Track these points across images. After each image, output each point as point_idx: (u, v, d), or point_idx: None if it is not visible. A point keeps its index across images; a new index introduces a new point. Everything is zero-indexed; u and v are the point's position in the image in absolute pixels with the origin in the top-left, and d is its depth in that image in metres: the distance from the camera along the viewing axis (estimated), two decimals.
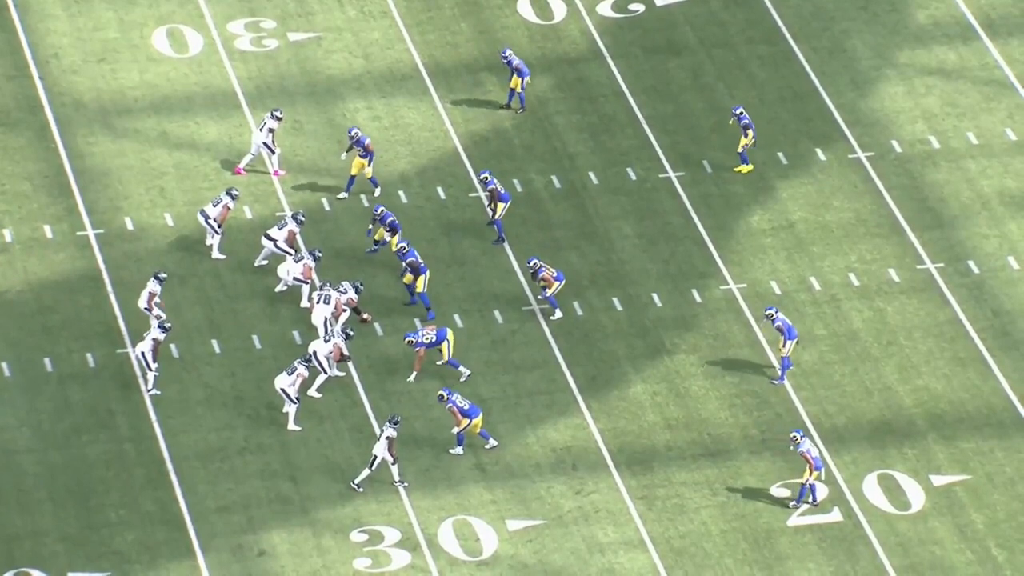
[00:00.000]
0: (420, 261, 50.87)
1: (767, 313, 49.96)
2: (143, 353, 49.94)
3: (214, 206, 53.00)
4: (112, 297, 52.22)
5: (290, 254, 51.82)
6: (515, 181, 55.09)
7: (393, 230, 52.23)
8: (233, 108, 56.55)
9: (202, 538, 47.31)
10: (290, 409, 49.60)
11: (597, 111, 56.81)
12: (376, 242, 52.66)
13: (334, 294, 51.59)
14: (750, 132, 53.42)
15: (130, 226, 53.79)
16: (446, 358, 50.08)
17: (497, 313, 52.09)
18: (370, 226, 52.54)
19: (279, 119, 54.26)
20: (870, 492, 48.41)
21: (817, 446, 48.70)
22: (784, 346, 49.64)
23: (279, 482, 48.38)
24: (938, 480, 48.66)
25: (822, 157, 55.69)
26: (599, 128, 56.32)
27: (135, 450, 48.90)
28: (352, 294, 51.89)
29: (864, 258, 53.35)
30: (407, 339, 49.86)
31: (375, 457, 47.52)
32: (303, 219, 52.54)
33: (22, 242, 53.15)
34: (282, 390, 49.59)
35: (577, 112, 56.82)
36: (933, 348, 51.51)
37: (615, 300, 52.26)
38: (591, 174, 55.16)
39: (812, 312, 52.22)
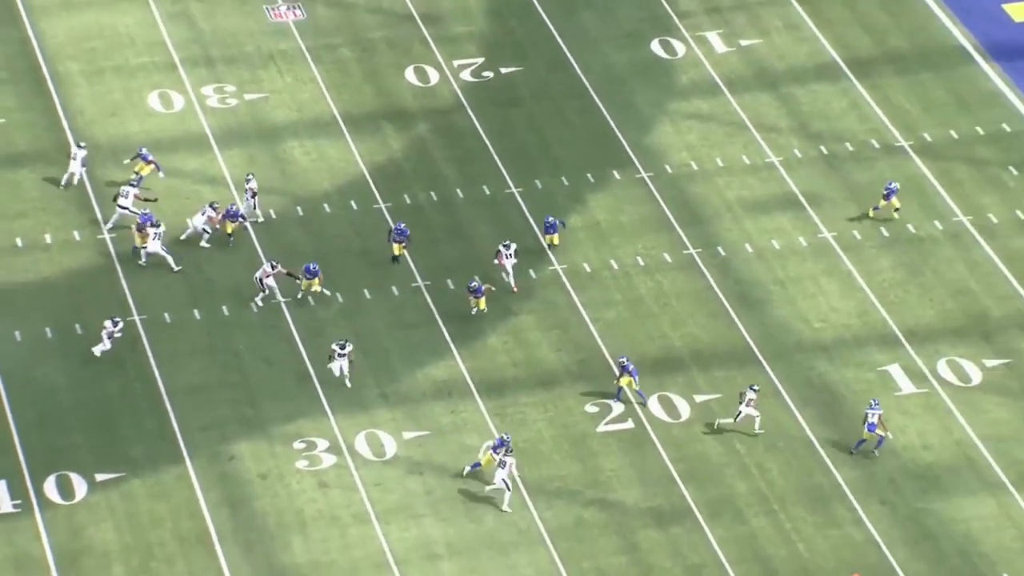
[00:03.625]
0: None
1: (620, 360, 48.49)
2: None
3: (201, 215, 52.18)
4: (123, 282, 51.63)
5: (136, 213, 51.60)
6: (405, 196, 54.41)
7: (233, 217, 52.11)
8: (206, 148, 55.81)
9: (189, 448, 47.25)
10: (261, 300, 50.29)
11: (462, 146, 56.38)
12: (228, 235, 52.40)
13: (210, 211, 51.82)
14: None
15: (134, 231, 52.40)
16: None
17: (394, 288, 51.75)
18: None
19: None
20: (653, 407, 48.35)
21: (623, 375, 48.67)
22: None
23: (242, 408, 48.29)
24: (700, 398, 48.88)
25: (617, 177, 55.33)
26: (463, 158, 56.01)
27: (141, 388, 48.76)
28: (211, 212, 51.67)
29: (647, 246, 53.19)
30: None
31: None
32: (216, 206, 52.22)
33: (58, 243, 52.69)
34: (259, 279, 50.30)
35: (448, 147, 56.33)
36: (694, 307, 51.43)
37: (476, 278, 51.31)
38: (458, 190, 54.94)
39: (612, 284, 52.00)
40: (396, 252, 52.07)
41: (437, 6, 61.26)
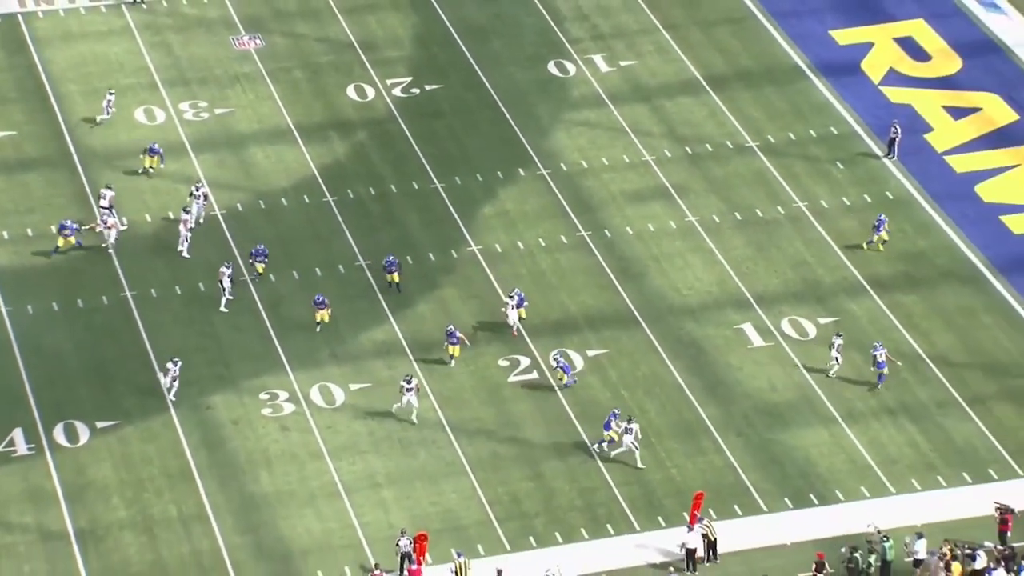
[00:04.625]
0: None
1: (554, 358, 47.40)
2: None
3: (185, 212, 51.30)
4: (116, 262, 51.03)
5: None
6: (348, 191, 53.74)
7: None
8: (183, 153, 55.08)
9: (173, 400, 46.81)
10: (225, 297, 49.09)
11: (394, 150, 55.71)
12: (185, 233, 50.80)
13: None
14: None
15: (124, 223, 52.29)
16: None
17: (340, 267, 51.31)
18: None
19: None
20: (554, 361, 47.45)
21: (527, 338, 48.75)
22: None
23: (217, 367, 47.96)
24: (592, 353, 48.45)
25: (522, 174, 54.95)
26: (396, 160, 55.40)
27: (134, 352, 48.25)
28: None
29: (548, 230, 52.94)
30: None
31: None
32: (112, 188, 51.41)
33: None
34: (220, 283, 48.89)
35: (383, 151, 55.73)
36: (587, 280, 51.21)
37: (408, 258, 51.56)
38: (392, 186, 54.35)
39: (519, 261, 51.75)
40: (391, 280, 49.84)
41: (373, 35, 60.81)
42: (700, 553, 42.41)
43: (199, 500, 44.42)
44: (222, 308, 49.55)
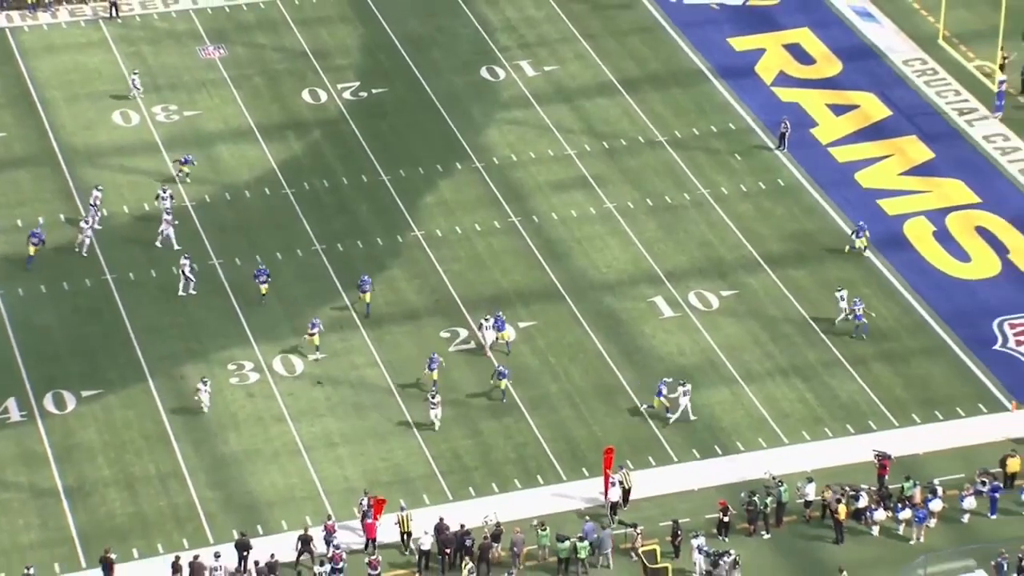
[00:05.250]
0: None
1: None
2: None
3: (167, 214, 50.50)
4: (97, 250, 50.48)
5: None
6: (304, 184, 53.24)
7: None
8: (157, 152, 54.64)
9: (151, 371, 46.67)
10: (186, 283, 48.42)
11: (345, 147, 55.07)
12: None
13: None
14: None
15: (104, 212, 51.85)
16: None
17: (299, 251, 50.91)
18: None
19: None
20: (489, 332, 46.91)
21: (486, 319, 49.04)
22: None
23: (190, 342, 47.62)
24: (523, 324, 48.29)
25: (459, 167, 54.36)
26: (346, 156, 54.75)
27: (115, 329, 47.92)
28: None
29: (483, 217, 52.28)
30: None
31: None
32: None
33: (48, 224, 51.36)
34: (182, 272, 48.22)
35: (335, 148, 55.09)
36: (516, 260, 50.80)
37: (358, 243, 51.20)
38: (343, 178, 53.79)
39: (457, 245, 51.24)
40: (367, 300, 48.11)
41: (325, 45, 60.15)
42: (614, 499, 42.45)
43: (175, 459, 44.31)
44: (180, 292, 49.07)
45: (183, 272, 48.92)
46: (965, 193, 53.37)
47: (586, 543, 40.74)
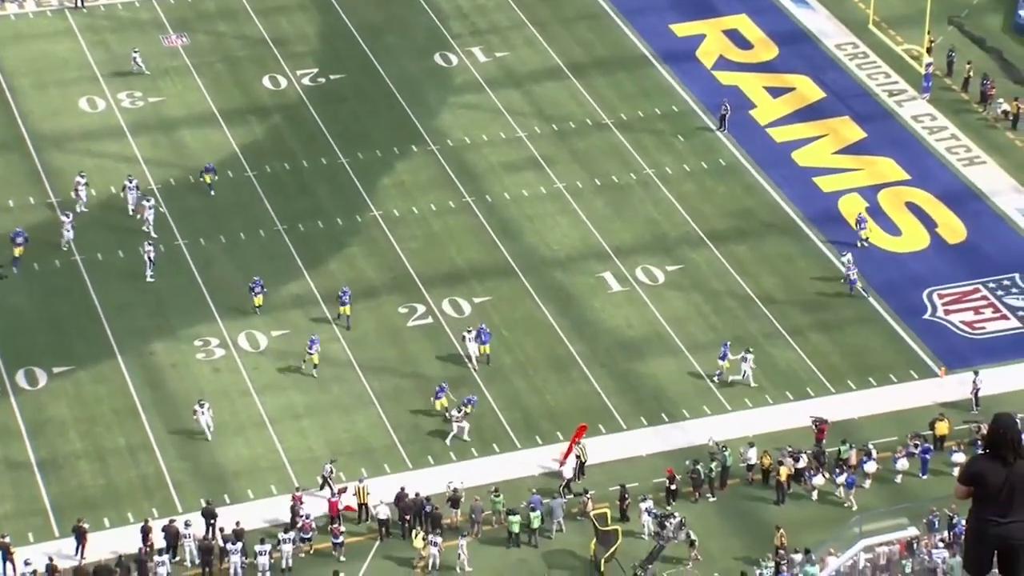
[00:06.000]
0: None
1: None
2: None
3: (146, 200, 49.60)
4: (64, 229, 49.40)
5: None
6: (266, 166, 52.58)
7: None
8: (122, 136, 53.78)
9: (120, 348, 46.14)
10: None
11: (305, 131, 54.31)
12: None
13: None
14: None
15: (72, 196, 50.88)
16: None
17: (261, 231, 50.30)
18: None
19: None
20: (446, 307, 47.22)
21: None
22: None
23: (158, 319, 47.11)
24: (477, 300, 47.40)
25: (415, 149, 53.69)
26: (306, 139, 54.02)
27: (83, 307, 47.24)
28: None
29: (438, 197, 51.76)
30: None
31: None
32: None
33: (18, 207, 50.39)
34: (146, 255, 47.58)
35: (295, 132, 54.40)
36: (471, 238, 50.27)
37: (319, 223, 50.70)
38: (303, 161, 53.06)
39: (414, 224, 50.49)
40: (346, 312, 46.61)
41: (284, 33, 59.20)
42: (568, 475, 42.12)
43: (144, 432, 43.94)
44: (148, 279, 48.38)
45: (148, 257, 48.26)
46: (895, 170, 53.38)
47: (538, 512, 40.47)
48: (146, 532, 40.00)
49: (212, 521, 40.49)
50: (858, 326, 47.60)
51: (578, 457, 42.44)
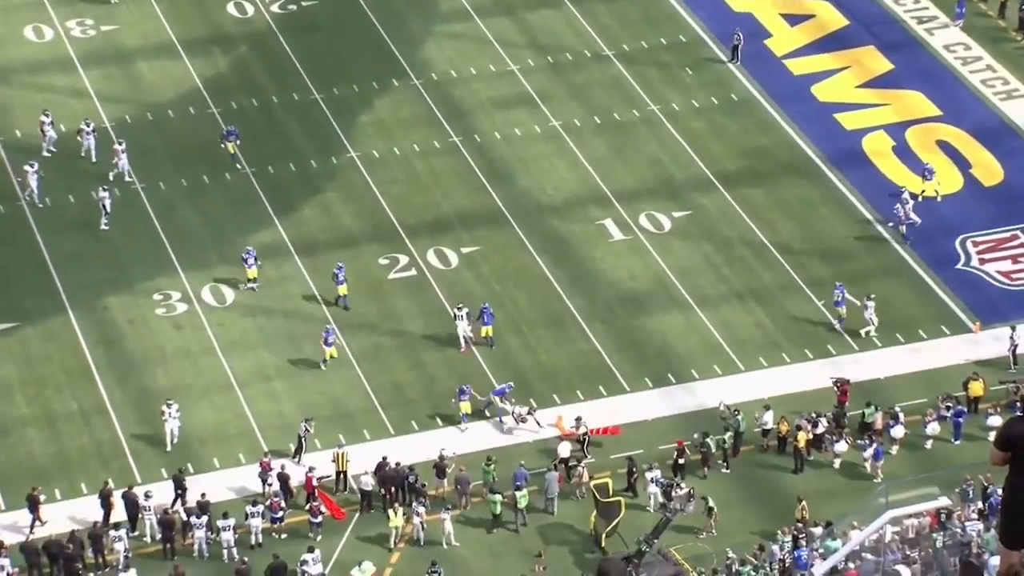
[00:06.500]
0: None
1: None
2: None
3: (119, 144, 49.20)
4: (10, 171, 49.10)
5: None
6: (232, 102, 52.30)
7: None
8: (72, 69, 53.47)
9: (71, 302, 45.74)
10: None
11: (275, 63, 54.03)
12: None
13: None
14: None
15: (19, 134, 50.94)
16: None
17: (227, 174, 49.66)
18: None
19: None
20: (431, 258, 47.18)
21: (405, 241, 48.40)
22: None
23: (113, 271, 46.81)
24: (465, 250, 47.66)
25: (396, 84, 53.47)
26: (276, 72, 53.71)
27: (30, 257, 46.96)
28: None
29: (422, 137, 51.32)
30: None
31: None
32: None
33: None
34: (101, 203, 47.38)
35: (264, 64, 54.10)
36: (459, 182, 49.74)
37: (291, 165, 50.24)
38: (273, 97, 52.65)
39: (395, 166, 50.28)
40: (342, 292, 45.35)
41: None
42: (564, 454, 41.54)
43: (98, 395, 43.57)
44: (102, 227, 48.08)
45: (103, 205, 47.92)
46: (925, 105, 53.30)
47: (524, 492, 39.89)
48: (106, 497, 39.44)
49: (180, 492, 40.06)
50: (884, 277, 47.50)
51: (587, 436, 41.70)
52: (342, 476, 41.10)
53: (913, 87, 53.77)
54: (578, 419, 42.03)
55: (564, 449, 41.59)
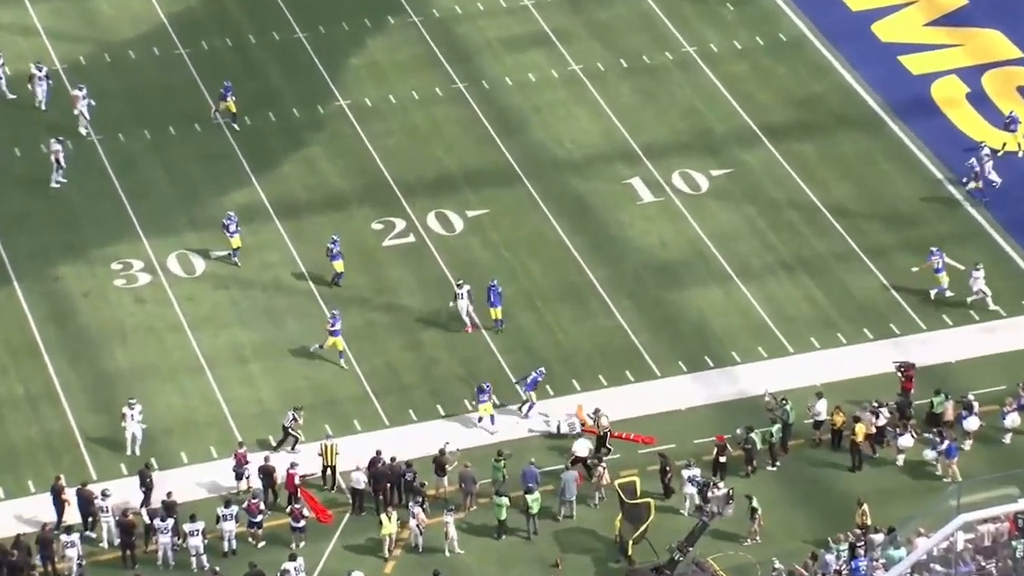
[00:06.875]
0: None
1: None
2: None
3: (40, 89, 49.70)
4: None
5: None
6: (202, 42, 52.39)
7: None
8: (18, 2, 53.58)
9: (17, 272, 45.63)
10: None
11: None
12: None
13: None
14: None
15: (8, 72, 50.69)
16: None
17: (197, 125, 49.67)
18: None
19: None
20: (431, 222, 47.14)
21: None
22: None
23: (65, 235, 46.73)
24: (471, 213, 47.68)
25: (392, 21, 53.35)
26: (253, 8, 53.29)
27: None
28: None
29: (421, 82, 51.41)
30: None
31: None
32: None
33: None
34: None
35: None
36: (464, 134, 49.96)
37: (270, 114, 50.22)
38: (250, 36, 52.75)
39: (391, 116, 50.31)
40: (338, 269, 45.39)
41: None
42: (582, 453, 40.96)
43: (47, 378, 43.50)
44: (53, 184, 47.99)
45: (56, 159, 47.82)
46: (1004, 46, 53.13)
47: (536, 495, 39.19)
48: (58, 494, 39.15)
49: (145, 490, 39.88)
50: (955, 245, 46.84)
51: (607, 432, 40.95)
52: (330, 472, 40.47)
53: (990, 25, 53.69)
54: (596, 411, 41.36)
55: (581, 447, 40.73)
